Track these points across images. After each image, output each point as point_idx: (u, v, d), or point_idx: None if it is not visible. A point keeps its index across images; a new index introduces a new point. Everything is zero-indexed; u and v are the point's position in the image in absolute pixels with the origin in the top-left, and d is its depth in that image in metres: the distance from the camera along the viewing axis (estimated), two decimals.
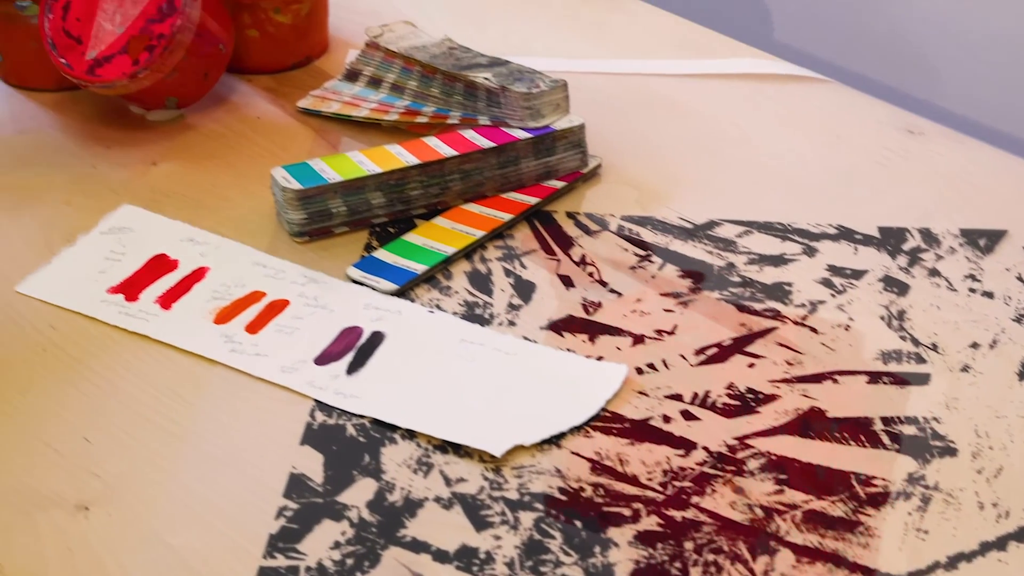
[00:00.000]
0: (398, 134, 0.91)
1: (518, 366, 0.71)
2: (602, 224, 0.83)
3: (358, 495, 0.63)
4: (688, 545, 0.60)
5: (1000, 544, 0.60)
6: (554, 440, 0.66)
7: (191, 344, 0.72)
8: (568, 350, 0.72)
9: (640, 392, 0.69)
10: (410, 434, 0.67)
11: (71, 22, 0.89)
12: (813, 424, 0.67)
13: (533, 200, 0.84)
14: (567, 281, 0.78)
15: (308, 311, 0.75)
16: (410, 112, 0.91)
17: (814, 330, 0.74)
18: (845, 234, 0.81)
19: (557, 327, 0.74)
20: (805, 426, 0.67)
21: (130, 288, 0.77)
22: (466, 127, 0.88)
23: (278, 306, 0.75)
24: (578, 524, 0.62)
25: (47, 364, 0.71)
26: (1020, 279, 0.77)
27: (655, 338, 0.73)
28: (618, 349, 0.72)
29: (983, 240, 0.81)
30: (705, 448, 0.66)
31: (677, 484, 0.64)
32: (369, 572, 0.59)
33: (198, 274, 0.78)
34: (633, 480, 0.64)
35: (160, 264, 0.79)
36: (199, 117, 0.94)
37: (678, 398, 0.69)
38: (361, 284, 0.77)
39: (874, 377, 0.70)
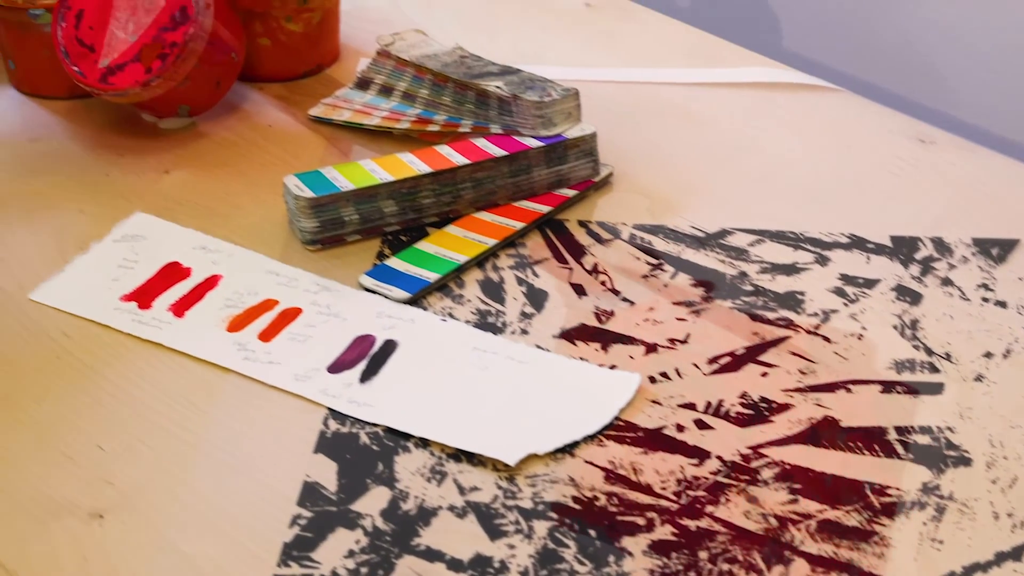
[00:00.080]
0: (409, 142, 0.91)
1: (531, 375, 0.71)
2: (614, 233, 0.83)
3: (372, 503, 0.63)
4: (703, 555, 0.60)
5: (1015, 554, 0.60)
6: (567, 449, 0.66)
7: (204, 352, 0.73)
8: (581, 359, 0.72)
9: (653, 401, 0.69)
10: (424, 442, 0.67)
11: (84, 30, 0.90)
12: (826, 433, 0.67)
13: (545, 209, 0.84)
14: (579, 290, 0.78)
15: (321, 319, 0.75)
16: (422, 120, 0.91)
17: (827, 339, 0.73)
18: (857, 243, 0.81)
19: (570, 336, 0.74)
20: (818, 435, 0.67)
21: (143, 296, 0.77)
22: (478, 135, 0.88)
23: (291, 314, 0.75)
24: (592, 533, 0.62)
25: (61, 372, 0.71)
26: None
27: (668, 347, 0.73)
28: (631, 358, 0.72)
29: (995, 249, 0.81)
30: (719, 457, 0.66)
31: (691, 493, 0.64)
32: None
33: (211, 282, 0.78)
34: (647, 489, 0.64)
35: (173, 272, 0.79)
36: (211, 125, 0.95)
37: (691, 407, 0.69)
38: (373, 292, 0.77)
39: (887, 386, 0.70)
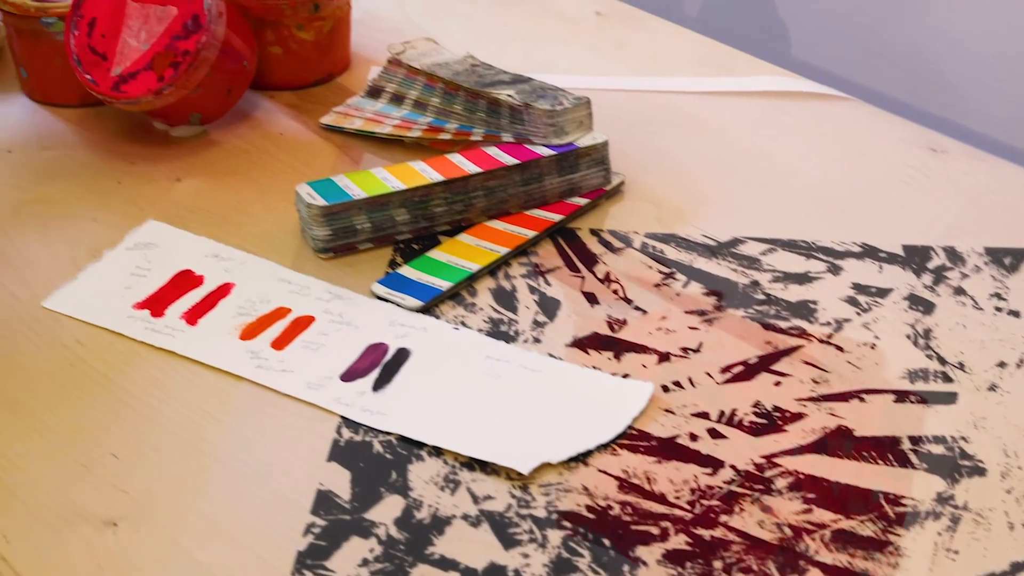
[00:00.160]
0: (421, 151, 0.91)
1: (544, 383, 0.71)
2: (626, 241, 0.83)
3: (386, 512, 0.63)
4: (717, 564, 0.60)
5: None
6: (581, 458, 0.66)
7: (217, 360, 0.73)
8: (593, 367, 0.72)
9: (666, 410, 0.69)
10: (437, 451, 0.67)
11: (96, 39, 0.90)
12: (840, 443, 0.67)
13: (557, 217, 0.84)
14: (591, 298, 0.78)
15: (334, 327, 0.75)
16: (433, 129, 0.92)
17: (840, 348, 0.73)
18: (869, 252, 0.81)
19: (582, 344, 0.74)
20: (832, 445, 0.67)
21: (156, 304, 0.77)
22: (489, 144, 0.88)
23: (303, 322, 0.75)
24: (606, 542, 0.62)
25: (74, 380, 0.72)
26: None
27: (680, 356, 0.73)
28: (644, 367, 0.72)
29: (1008, 259, 0.81)
30: (732, 466, 0.66)
31: (705, 503, 0.64)
32: None
33: (223, 290, 0.78)
34: (661, 498, 0.64)
35: (185, 280, 0.79)
36: (223, 133, 0.95)
37: (704, 416, 0.69)
38: (386, 301, 0.77)
39: (900, 396, 0.70)
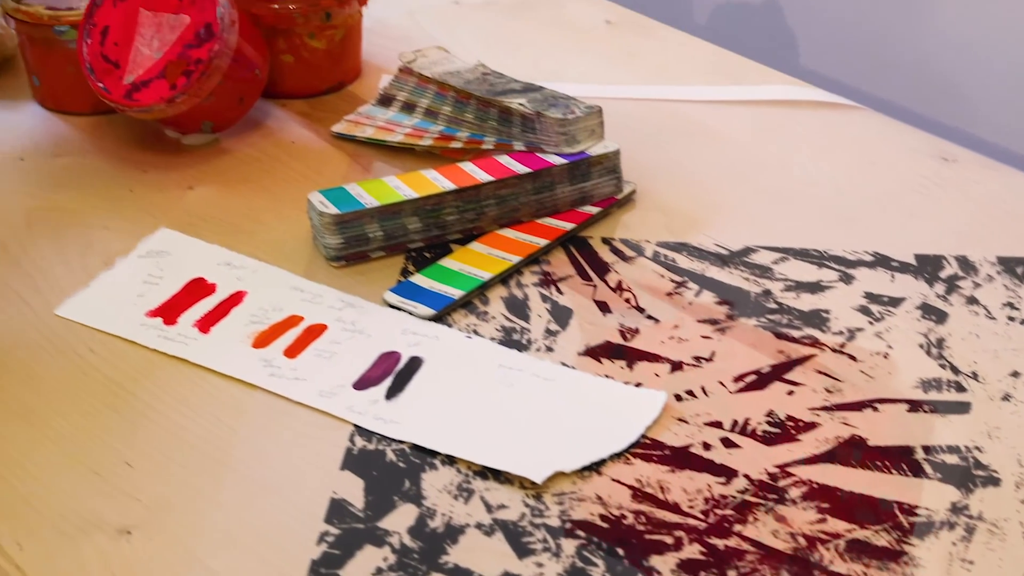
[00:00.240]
0: (432, 159, 0.91)
1: (557, 392, 0.71)
2: (637, 250, 0.83)
3: (399, 521, 0.63)
4: (731, 574, 0.60)
5: None
6: (594, 467, 0.66)
7: (230, 368, 0.73)
8: (606, 376, 0.72)
9: (679, 419, 0.69)
10: (450, 460, 0.67)
11: (109, 47, 0.90)
12: (854, 452, 0.67)
13: (568, 226, 0.84)
14: (604, 307, 0.78)
15: (346, 336, 0.75)
16: (444, 137, 0.92)
17: (853, 358, 0.73)
18: (881, 261, 0.81)
19: (595, 353, 0.74)
20: (846, 454, 0.67)
21: (168, 312, 0.77)
22: (501, 152, 0.88)
23: (316, 330, 0.75)
24: (620, 552, 0.62)
25: (88, 387, 0.72)
26: None
27: (693, 365, 0.73)
28: (656, 376, 0.72)
29: (1020, 268, 0.81)
30: (746, 476, 0.66)
31: (719, 512, 0.64)
32: None
33: (236, 298, 0.78)
34: (675, 508, 0.64)
35: (198, 288, 0.79)
36: (234, 141, 0.95)
37: (718, 425, 0.69)
38: (398, 309, 0.77)
39: (914, 405, 0.70)
